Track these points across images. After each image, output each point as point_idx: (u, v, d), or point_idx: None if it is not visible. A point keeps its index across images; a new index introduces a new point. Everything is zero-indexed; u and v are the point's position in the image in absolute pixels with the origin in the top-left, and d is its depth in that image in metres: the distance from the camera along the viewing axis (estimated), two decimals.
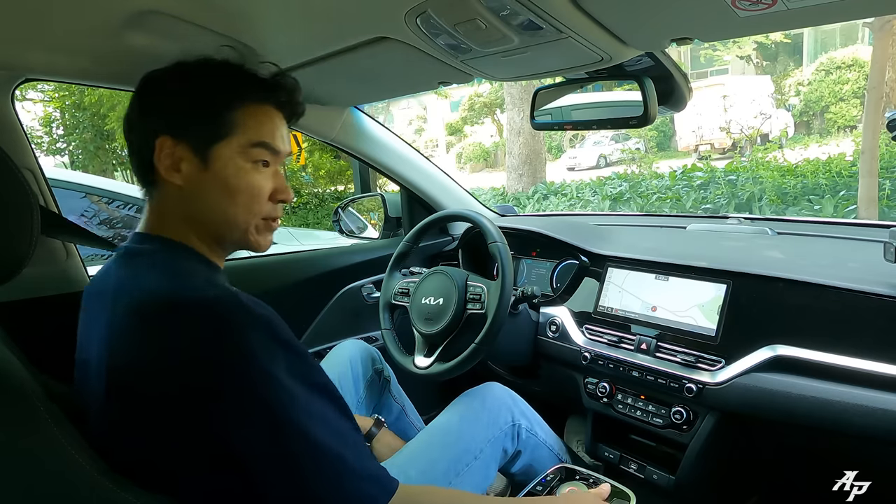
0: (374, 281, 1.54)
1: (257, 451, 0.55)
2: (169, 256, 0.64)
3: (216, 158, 0.65)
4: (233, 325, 0.55)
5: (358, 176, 4.38)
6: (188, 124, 0.64)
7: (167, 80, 0.67)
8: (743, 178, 5.55)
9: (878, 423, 0.78)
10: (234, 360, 0.54)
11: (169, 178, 0.64)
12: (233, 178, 0.65)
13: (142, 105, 0.67)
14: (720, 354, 0.96)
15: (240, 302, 0.57)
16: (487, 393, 1.05)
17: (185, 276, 0.62)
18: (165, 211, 0.67)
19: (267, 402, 0.55)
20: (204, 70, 0.68)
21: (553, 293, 1.33)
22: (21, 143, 1.03)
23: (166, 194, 0.66)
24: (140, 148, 0.66)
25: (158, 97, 0.66)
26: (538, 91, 1.08)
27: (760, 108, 9.01)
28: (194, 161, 0.64)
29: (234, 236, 0.68)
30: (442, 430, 0.97)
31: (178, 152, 0.64)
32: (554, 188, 7.32)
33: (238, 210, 0.66)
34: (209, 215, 0.66)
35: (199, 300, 0.57)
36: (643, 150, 10.02)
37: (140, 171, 0.67)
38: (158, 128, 0.64)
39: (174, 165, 0.64)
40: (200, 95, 0.65)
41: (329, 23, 0.84)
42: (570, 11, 0.68)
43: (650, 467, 1.07)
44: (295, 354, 0.59)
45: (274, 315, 0.59)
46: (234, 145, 0.65)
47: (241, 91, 0.67)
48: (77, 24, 0.79)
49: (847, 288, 0.87)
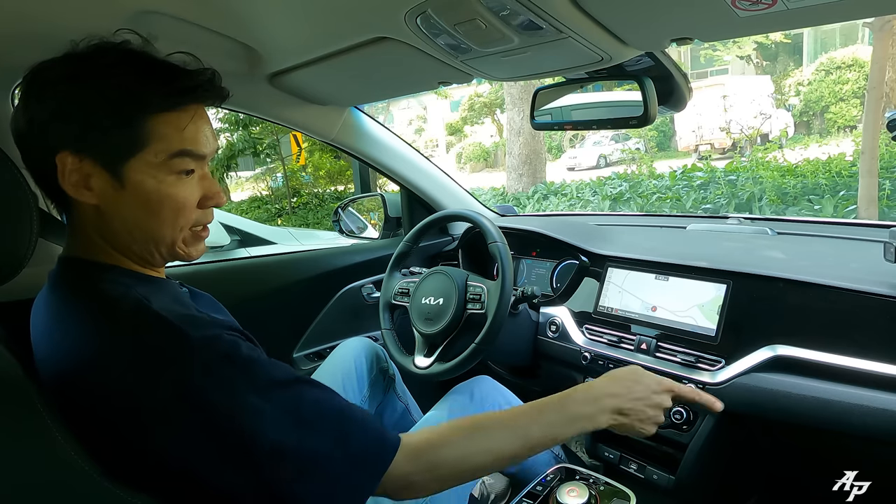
0: (374, 281, 1.54)
1: (230, 475, 0.53)
2: (98, 282, 0.58)
3: (131, 175, 0.56)
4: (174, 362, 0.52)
5: (358, 176, 4.39)
6: (92, 138, 0.55)
7: (60, 80, 0.56)
8: (743, 178, 5.55)
9: (878, 423, 0.78)
10: (187, 399, 0.52)
11: (80, 197, 0.57)
12: (153, 193, 0.57)
13: (30, 110, 0.57)
14: (720, 354, 0.96)
15: (176, 333, 0.53)
16: (475, 386, 1.06)
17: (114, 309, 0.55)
18: (85, 231, 0.60)
19: (232, 431, 0.52)
20: (104, 69, 0.56)
21: (553, 293, 1.33)
22: None
23: (82, 213, 0.59)
24: (38, 163, 0.58)
25: (51, 102, 0.56)
26: (538, 91, 1.08)
27: (760, 108, 9.00)
28: (105, 177, 0.56)
29: (161, 251, 0.62)
30: (432, 425, 0.98)
31: (84, 168, 0.56)
32: (554, 188, 7.32)
33: (163, 226, 0.60)
34: (132, 234, 0.60)
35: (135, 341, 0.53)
36: (643, 150, 10.03)
37: (45, 189, 0.60)
38: (56, 140, 0.55)
39: (83, 182, 0.56)
40: (103, 103, 0.55)
41: (329, 23, 0.84)
42: (570, 11, 0.68)
43: (650, 467, 1.07)
44: (247, 364, 0.55)
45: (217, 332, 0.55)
46: (150, 158, 0.57)
47: (153, 97, 0.57)
48: (78, 24, 0.79)
49: (847, 288, 0.87)
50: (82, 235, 0.61)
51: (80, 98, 0.56)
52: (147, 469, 0.54)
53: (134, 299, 0.56)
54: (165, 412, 0.52)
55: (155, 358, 0.53)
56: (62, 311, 0.58)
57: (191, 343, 0.53)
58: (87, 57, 0.57)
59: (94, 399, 0.54)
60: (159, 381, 0.52)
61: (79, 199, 0.57)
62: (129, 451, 0.54)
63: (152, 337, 0.53)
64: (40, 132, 0.57)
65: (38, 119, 0.57)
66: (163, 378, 0.52)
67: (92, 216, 0.59)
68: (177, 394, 0.52)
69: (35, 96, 0.57)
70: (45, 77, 0.57)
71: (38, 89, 0.57)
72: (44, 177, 0.58)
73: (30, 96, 0.58)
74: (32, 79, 0.58)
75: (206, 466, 0.53)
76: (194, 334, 0.53)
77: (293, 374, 0.58)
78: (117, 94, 0.56)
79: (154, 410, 0.52)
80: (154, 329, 0.54)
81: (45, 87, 0.57)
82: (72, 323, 0.57)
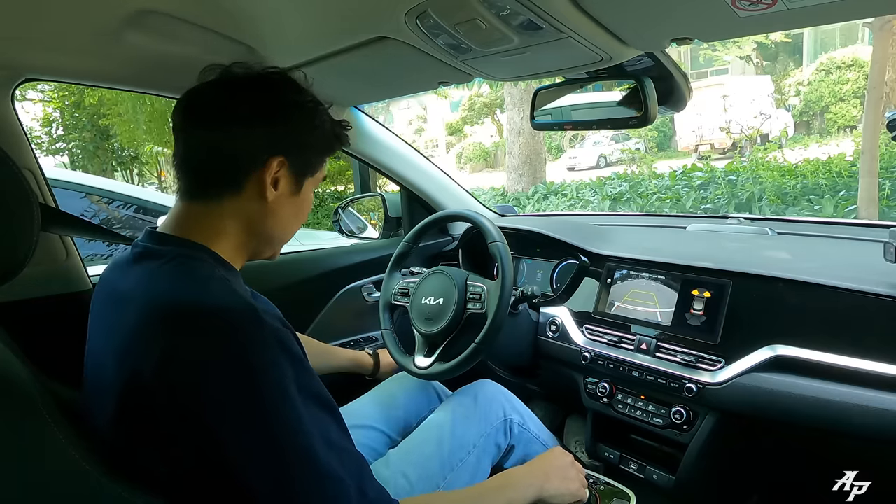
0: (374, 281, 1.54)
1: (258, 466, 0.55)
2: (188, 259, 0.64)
3: (306, 187, 0.73)
4: (246, 337, 0.56)
5: (358, 176, 4.38)
6: (304, 158, 0.71)
7: (295, 109, 0.70)
8: (743, 178, 5.55)
9: (878, 423, 0.78)
10: (244, 373, 0.55)
11: (266, 192, 0.68)
12: (306, 204, 0.75)
13: (256, 117, 0.68)
14: (720, 354, 0.96)
15: (255, 313, 0.58)
16: (479, 390, 1.07)
17: (204, 282, 0.61)
18: (220, 215, 0.68)
19: (272, 417, 0.55)
20: (318, 110, 0.73)
21: (553, 293, 1.32)
22: (21, 143, 1.03)
23: (244, 203, 0.68)
24: (239, 155, 0.67)
25: (284, 123, 0.69)
26: (538, 91, 1.08)
27: (760, 108, 9.02)
28: (290, 184, 0.70)
29: (273, 248, 0.75)
30: (436, 427, 0.99)
31: (281, 172, 0.69)
32: (554, 188, 7.32)
33: (294, 229, 0.76)
34: (274, 229, 0.72)
35: (216, 309, 0.57)
36: (643, 150, 10.03)
37: (215, 175, 0.68)
38: (272, 146, 0.68)
39: (274, 182, 0.69)
40: (323, 139, 0.73)
41: (329, 23, 0.84)
42: (570, 11, 0.68)
43: (650, 467, 1.07)
44: (302, 368, 0.59)
45: (285, 327, 0.61)
46: (316, 179, 0.75)
47: (337, 144, 0.77)
48: (77, 24, 0.79)
49: (847, 288, 0.87)
50: (214, 217, 0.68)
51: (313, 130, 0.72)
52: (175, 447, 0.56)
53: (219, 278, 0.62)
54: (223, 381, 0.55)
55: (230, 327, 0.57)
56: (152, 277, 0.62)
57: (263, 324, 0.58)
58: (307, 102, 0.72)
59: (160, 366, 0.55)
60: (228, 349, 0.55)
61: (265, 193, 0.68)
62: (172, 426, 0.55)
63: (233, 313, 0.58)
64: (257, 131, 0.67)
65: (263, 124, 0.68)
66: (231, 347, 0.56)
67: (255, 208, 0.69)
68: (237, 363, 0.55)
69: (269, 110, 0.68)
70: (283, 100, 0.70)
71: (275, 106, 0.69)
72: (233, 162, 0.67)
73: (260, 108, 0.68)
74: (271, 98, 0.69)
75: (235, 443, 0.55)
76: (266, 320, 0.58)
77: (330, 399, 0.62)
78: (327, 130, 0.74)
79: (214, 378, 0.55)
80: (235, 305, 0.58)
81: (283, 108, 0.69)
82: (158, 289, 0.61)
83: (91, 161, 10.12)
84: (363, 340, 1.53)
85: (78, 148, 10.19)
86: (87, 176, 2.75)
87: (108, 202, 2.40)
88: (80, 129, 9.84)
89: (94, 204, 2.36)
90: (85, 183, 2.38)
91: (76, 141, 10.07)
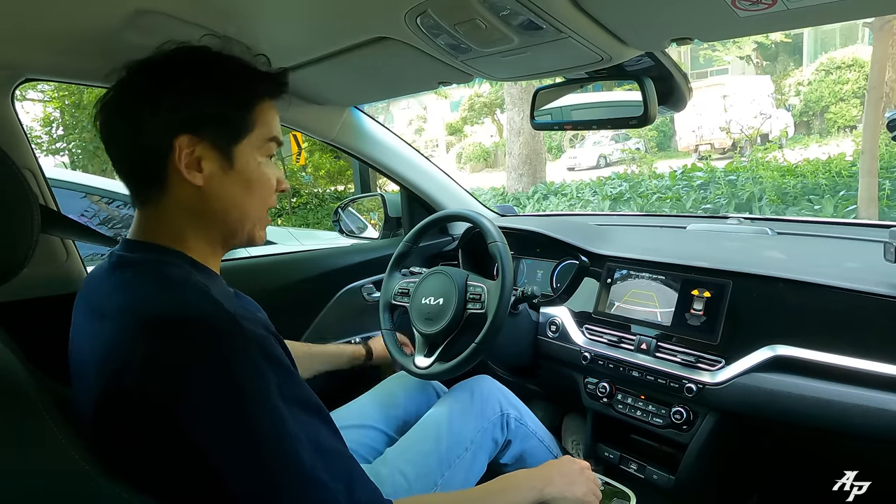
0: (374, 281, 1.54)
1: (241, 474, 0.54)
2: (161, 265, 0.62)
3: (239, 156, 0.64)
4: (224, 345, 0.55)
5: (358, 176, 4.39)
6: (211, 123, 0.62)
7: (180, 72, 0.62)
8: (743, 178, 5.55)
9: (878, 423, 0.78)
10: (224, 381, 0.54)
11: (190, 178, 0.62)
12: (255, 173, 0.65)
13: (149, 99, 0.61)
14: (720, 354, 0.96)
15: (232, 321, 0.56)
16: (476, 385, 1.07)
17: (179, 288, 0.59)
18: (168, 215, 0.64)
19: (255, 424, 0.54)
20: (220, 66, 0.64)
21: (553, 293, 1.32)
22: (21, 143, 1.03)
23: (176, 196, 0.63)
24: (148, 147, 0.61)
25: (172, 93, 0.61)
26: (538, 91, 1.08)
27: (760, 108, 9.01)
28: (217, 160, 0.63)
29: (243, 232, 0.68)
30: (433, 423, 0.99)
31: (197, 151, 0.61)
32: (554, 188, 7.32)
33: (255, 205, 0.67)
34: (227, 213, 0.65)
35: (193, 317, 0.56)
36: (643, 150, 10.03)
37: (142, 174, 0.63)
38: (174, 126, 0.61)
39: (195, 165, 0.62)
40: (224, 93, 0.63)
41: (329, 23, 0.84)
42: (570, 11, 0.68)
43: (650, 467, 1.07)
44: (286, 373, 0.57)
45: (268, 332, 0.58)
46: (253, 142, 0.65)
47: (259, 88, 0.66)
48: (77, 24, 0.79)
49: (847, 288, 0.87)
50: (165, 218, 0.64)
51: (207, 88, 0.62)
52: (158, 456, 0.55)
53: (195, 283, 0.59)
54: (204, 390, 0.53)
55: (209, 336, 0.55)
56: (127, 286, 0.61)
57: (243, 332, 0.55)
58: (203, 56, 0.64)
59: (139, 372, 0.54)
60: (208, 359, 0.54)
61: (189, 179, 0.62)
62: (152, 435, 0.54)
63: (211, 321, 0.56)
64: (158, 117, 0.61)
65: (157, 103, 0.61)
66: (211, 357, 0.54)
67: (190, 197, 0.63)
68: (218, 374, 0.54)
69: (155, 85, 0.62)
70: (164, 68, 0.62)
71: (161, 78, 0.62)
72: (147, 158, 0.62)
73: (148, 86, 0.62)
74: (150, 70, 0.62)
75: (218, 452, 0.54)
76: (246, 326, 0.56)
77: (318, 403, 0.60)
78: (235, 81, 0.64)
79: (194, 388, 0.53)
80: (213, 313, 0.56)
81: (168, 77, 0.62)
82: (134, 297, 0.59)
83: (91, 161, 10.11)
84: (363, 341, 1.53)
85: (78, 148, 10.18)
86: (87, 176, 2.75)
87: (108, 202, 2.40)
88: (80, 129, 9.82)
89: (94, 204, 2.36)
90: (85, 183, 2.38)
91: (76, 141, 10.06)
